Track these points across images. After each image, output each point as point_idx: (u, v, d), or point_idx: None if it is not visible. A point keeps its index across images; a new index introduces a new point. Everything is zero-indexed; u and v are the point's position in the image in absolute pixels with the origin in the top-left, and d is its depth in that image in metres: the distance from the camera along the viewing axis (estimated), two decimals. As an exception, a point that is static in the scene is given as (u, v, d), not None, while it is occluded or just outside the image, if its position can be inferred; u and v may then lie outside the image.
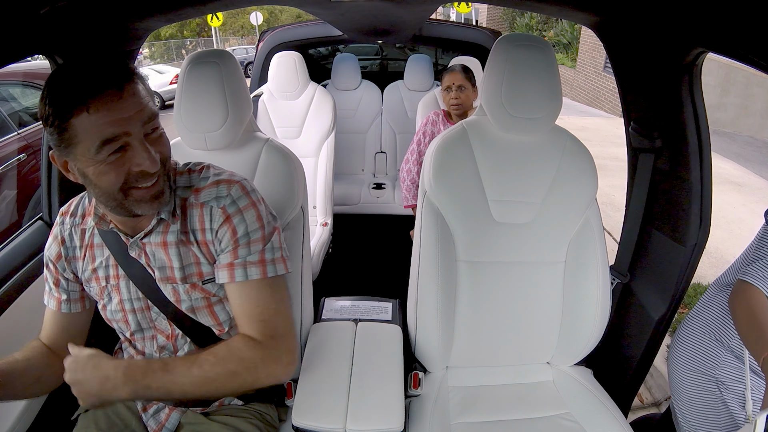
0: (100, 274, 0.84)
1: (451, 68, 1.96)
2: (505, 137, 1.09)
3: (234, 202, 0.80)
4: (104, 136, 0.65)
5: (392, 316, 1.21)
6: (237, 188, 0.81)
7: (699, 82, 1.06)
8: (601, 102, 9.73)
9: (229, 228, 0.79)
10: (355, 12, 1.72)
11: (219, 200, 0.80)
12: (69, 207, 0.87)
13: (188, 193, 0.82)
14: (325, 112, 2.24)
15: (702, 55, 1.00)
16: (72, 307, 0.86)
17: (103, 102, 0.65)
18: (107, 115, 0.65)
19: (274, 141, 1.11)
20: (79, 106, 0.64)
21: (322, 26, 2.45)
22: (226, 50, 1.46)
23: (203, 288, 0.83)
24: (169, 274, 0.82)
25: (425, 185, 1.11)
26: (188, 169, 0.85)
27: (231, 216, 0.79)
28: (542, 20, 12.74)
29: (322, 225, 2.15)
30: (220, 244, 0.80)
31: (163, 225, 0.81)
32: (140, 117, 0.68)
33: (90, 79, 0.65)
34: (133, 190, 0.72)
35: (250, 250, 0.80)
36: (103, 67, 0.67)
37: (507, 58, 1.01)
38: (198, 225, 0.81)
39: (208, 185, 0.82)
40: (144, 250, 0.82)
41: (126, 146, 0.68)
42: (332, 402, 0.94)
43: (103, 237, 0.83)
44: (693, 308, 1.19)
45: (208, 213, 0.80)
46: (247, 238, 0.80)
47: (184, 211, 0.81)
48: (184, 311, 0.83)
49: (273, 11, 21.48)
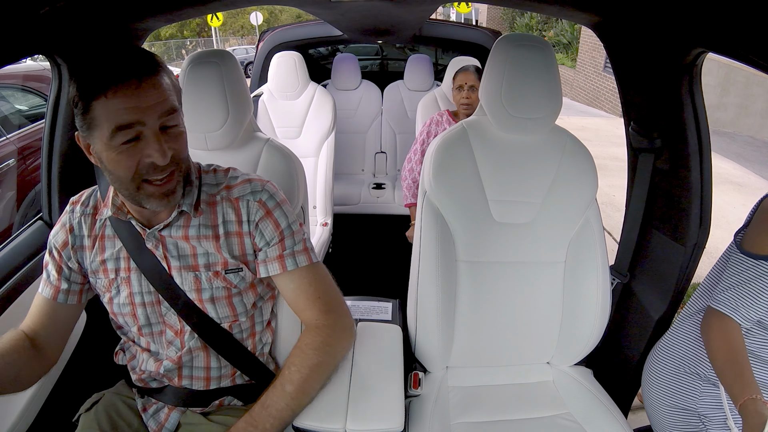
0: (110, 266, 0.84)
1: (465, 68, 1.96)
2: (505, 137, 1.09)
3: (272, 197, 0.86)
4: (119, 122, 0.68)
5: (392, 316, 1.21)
6: (269, 185, 0.87)
7: (699, 82, 1.06)
8: (601, 102, 9.73)
9: (271, 221, 0.84)
10: (355, 12, 1.72)
11: (255, 194, 0.84)
12: (80, 197, 0.88)
13: (216, 189, 0.85)
14: (325, 112, 2.24)
15: (702, 55, 1.00)
16: (69, 299, 0.85)
17: (123, 89, 0.67)
18: (124, 101, 0.67)
19: (275, 141, 1.11)
20: (100, 90, 0.66)
21: (322, 26, 2.45)
22: (227, 50, 1.46)
23: (225, 278, 0.84)
24: (192, 262, 0.83)
25: (425, 185, 1.11)
26: (213, 169, 0.89)
27: (271, 210, 0.85)
28: (542, 20, 12.74)
29: (322, 225, 2.15)
30: (262, 237, 0.84)
31: (184, 218, 0.83)
32: (157, 109, 0.69)
33: (115, 66, 0.67)
34: (144, 184, 0.73)
35: (294, 240, 0.86)
36: (131, 55, 0.69)
37: (507, 58, 1.01)
38: (234, 217, 0.84)
39: (240, 182, 0.86)
40: (162, 242, 0.82)
41: (140, 136, 0.70)
42: (332, 402, 0.94)
43: (116, 229, 0.83)
44: (663, 337, 1.14)
45: (245, 206, 0.84)
46: (290, 230, 0.86)
47: (212, 206, 0.84)
48: (203, 300, 0.84)
49: (273, 11, 21.48)
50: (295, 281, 0.86)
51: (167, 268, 0.83)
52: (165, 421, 0.89)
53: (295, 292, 0.87)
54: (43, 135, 1.14)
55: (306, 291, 0.86)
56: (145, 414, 0.91)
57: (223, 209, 0.84)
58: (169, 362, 0.86)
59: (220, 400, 0.90)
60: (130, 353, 0.91)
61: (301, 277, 0.86)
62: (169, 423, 0.89)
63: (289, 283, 0.87)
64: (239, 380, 0.90)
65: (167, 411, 0.90)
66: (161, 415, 0.90)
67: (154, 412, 0.91)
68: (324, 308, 0.86)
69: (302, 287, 0.86)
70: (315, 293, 0.87)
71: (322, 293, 0.88)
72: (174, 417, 0.89)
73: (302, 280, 0.86)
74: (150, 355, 0.88)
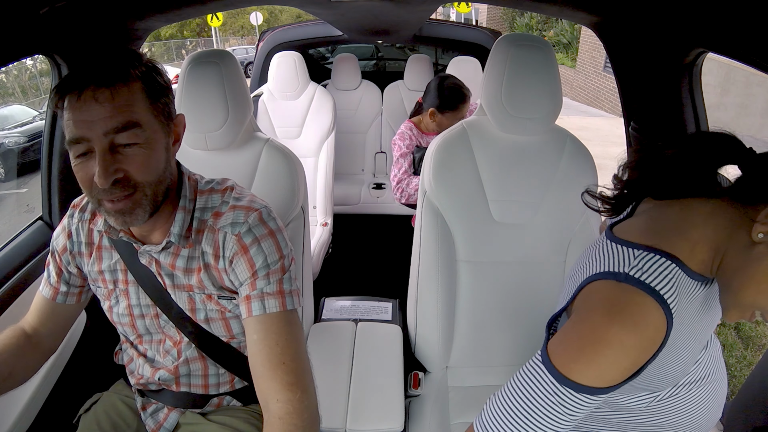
0: (108, 277, 0.83)
1: (463, 101, 1.72)
2: (505, 137, 1.09)
3: (250, 230, 0.75)
4: (69, 136, 0.64)
5: (392, 316, 1.21)
6: (255, 216, 0.76)
7: (699, 82, 1.06)
8: (601, 102, 9.73)
9: (245, 259, 0.75)
10: (355, 12, 1.72)
11: (234, 227, 0.75)
12: (81, 201, 0.86)
13: (208, 215, 0.78)
14: (325, 112, 2.24)
15: (702, 55, 1.00)
16: (68, 300, 0.85)
17: (76, 100, 0.63)
18: (73, 114, 0.63)
19: (275, 141, 1.11)
20: (59, 98, 0.63)
21: (322, 26, 2.45)
22: (227, 50, 1.46)
23: (218, 302, 0.80)
24: (185, 282, 0.80)
25: (425, 185, 1.11)
26: (210, 188, 0.81)
27: (248, 246, 0.75)
28: (542, 20, 12.74)
29: (322, 225, 2.15)
30: (236, 276, 0.76)
31: (174, 247, 0.78)
32: (103, 125, 0.63)
33: (77, 74, 0.63)
34: (102, 200, 0.68)
35: (269, 281, 0.75)
36: (99, 63, 0.65)
37: (507, 58, 1.01)
38: (211, 251, 0.77)
39: (229, 209, 0.77)
40: (155, 260, 0.79)
41: (90, 152, 0.65)
42: (332, 402, 0.94)
43: (113, 241, 0.81)
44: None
45: (221, 240, 0.76)
46: (266, 269, 0.75)
47: (201, 235, 0.77)
48: (198, 320, 0.81)
49: (273, 11, 21.48)
50: (259, 332, 0.73)
51: (163, 284, 0.80)
52: (164, 420, 0.89)
53: (258, 346, 0.73)
54: (43, 135, 1.14)
55: (270, 351, 0.72)
56: (144, 413, 0.91)
57: (207, 239, 0.77)
58: (165, 372, 0.85)
59: (219, 400, 0.90)
60: (128, 356, 0.91)
61: (268, 329, 0.73)
62: (168, 423, 0.89)
63: (253, 334, 0.74)
64: (239, 385, 0.89)
65: (166, 411, 0.90)
66: (160, 414, 0.90)
67: (153, 412, 0.90)
68: (287, 380, 0.71)
69: (266, 343, 0.72)
70: (280, 357, 0.72)
71: (289, 358, 0.72)
72: (173, 417, 0.89)
73: (268, 332, 0.73)
74: (146, 361, 0.87)
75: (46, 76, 11.95)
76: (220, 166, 1.05)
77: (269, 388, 0.71)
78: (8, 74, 11.94)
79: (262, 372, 0.72)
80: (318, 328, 1.16)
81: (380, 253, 2.48)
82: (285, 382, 0.71)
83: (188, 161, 0.88)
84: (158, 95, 0.70)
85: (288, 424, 0.67)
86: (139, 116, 0.66)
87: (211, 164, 1.04)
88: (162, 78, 0.71)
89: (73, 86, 0.63)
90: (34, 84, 12.22)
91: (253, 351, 0.74)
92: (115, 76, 0.64)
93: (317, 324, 1.17)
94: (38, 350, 0.84)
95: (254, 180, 1.07)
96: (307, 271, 1.13)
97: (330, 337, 1.12)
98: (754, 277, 0.50)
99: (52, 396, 1.04)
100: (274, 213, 0.81)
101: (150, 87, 0.68)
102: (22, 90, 12.13)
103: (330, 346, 1.08)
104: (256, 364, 0.73)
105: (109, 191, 0.66)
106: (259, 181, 1.07)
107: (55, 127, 1.13)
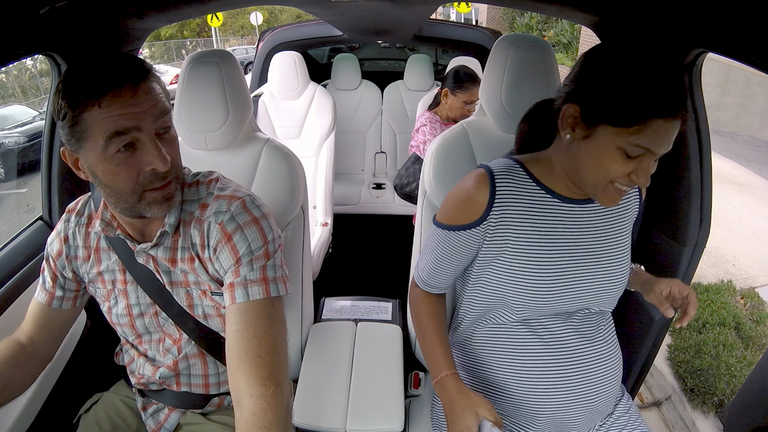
0: (107, 277, 0.84)
1: (473, 83, 1.84)
2: (505, 137, 1.09)
3: (233, 218, 0.76)
4: (114, 129, 0.65)
5: (392, 316, 1.21)
6: (237, 204, 0.77)
7: (699, 82, 1.06)
8: (601, 102, 9.70)
9: (228, 246, 0.76)
10: (355, 12, 1.72)
11: (218, 215, 0.77)
12: (76, 205, 0.87)
13: (195, 207, 0.80)
14: (325, 112, 2.24)
15: (702, 55, 1.00)
16: (63, 305, 0.86)
17: (117, 96, 0.65)
18: (119, 108, 0.65)
19: (275, 141, 1.11)
20: (92, 99, 0.64)
21: (322, 26, 2.45)
22: (227, 50, 1.46)
23: (213, 298, 0.81)
24: (182, 278, 0.81)
25: (425, 185, 1.11)
26: (197, 180, 0.83)
27: (231, 234, 0.76)
28: (542, 20, 12.73)
29: (322, 225, 2.15)
30: (221, 265, 0.77)
31: (168, 239, 0.79)
32: (153, 113, 0.67)
33: (106, 74, 0.65)
34: (146, 193, 0.71)
35: (252, 267, 0.75)
36: (120, 62, 0.67)
37: (507, 58, 1.01)
38: (198, 241, 0.78)
39: (213, 200, 0.79)
40: (153, 258, 0.80)
41: (135, 143, 0.67)
42: (332, 402, 0.94)
43: (111, 241, 0.82)
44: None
45: (206, 229, 0.77)
46: (249, 256, 0.75)
47: (188, 226, 0.79)
48: (195, 317, 0.82)
49: (273, 11, 21.50)
50: (239, 322, 0.73)
51: (162, 282, 0.81)
52: (164, 421, 0.89)
53: (236, 337, 0.72)
54: (43, 134, 1.14)
55: (247, 343, 0.71)
56: (145, 413, 0.91)
57: (194, 230, 0.79)
58: (166, 369, 0.85)
59: (220, 401, 0.90)
60: (128, 356, 0.91)
61: (248, 320, 0.73)
62: (168, 423, 0.89)
63: (233, 324, 0.73)
64: None
65: (167, 411, 0.90)
66: (161, 415, 0.90)
67: (153, 412, 0.91)
68: (262, 374, 0.69)
69: (245, 334, 0.72)
70: (256, 350, 0.71)
71: (265, 351, 0.71)
72: (174, 417, 0.89)
73: (248, 324, 0.72)
74: (147, 360, 0.88)
75: (46, 76, 11.98)
76: (220, 166, 1.05)
77: (243, 381, 0.70)
78: (8, 74, 11.96)
79: (239, 365, 0.71)
80: (318, 328, 1.16)
81: (380, 253, 2.48)
82: (260, 376, 0.69)
83: (188, 161, 0.87)
84: (165, 89, 0.74)
85: (262, 421, 0.65)
86: (168, 104, 0.72)
87: (211, 164, 1.04)
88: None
89: (110, 84, 0.65)
90: (34, 84, 12.25)
91: (230, 341, 0.73)
92: (142, 71, 0.68)
93: (317, 324, 1.17)
94: (34, 360, 0.84)
95: (254, 180, 1.07)
96: (307, 271, 1.13)
97: (330, 337, 1.12)
98: (582, 165, 0.73)
99: (52, 396, 1.04)
100: (259, 201, 0.81)
101: (159, 82, 0.72)
102: (22, 90, 12.16)
103: (330, 346, 1.08)
104: (233, 356, 0.72)
105: (161, 177, 0.70)
106: (259, 181, 1.07)
107: (55, 127, 1.13)
